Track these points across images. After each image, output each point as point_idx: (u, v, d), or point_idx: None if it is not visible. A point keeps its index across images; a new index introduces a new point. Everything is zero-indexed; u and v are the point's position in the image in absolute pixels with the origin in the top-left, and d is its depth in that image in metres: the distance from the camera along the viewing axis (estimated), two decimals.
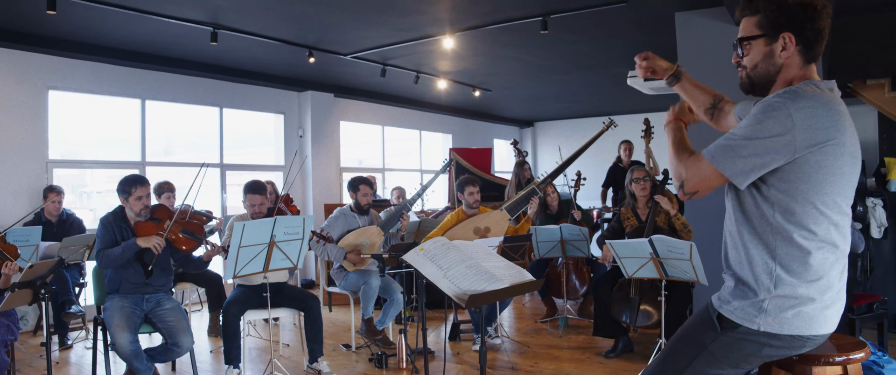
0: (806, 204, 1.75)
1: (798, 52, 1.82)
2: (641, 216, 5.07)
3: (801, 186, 1.74)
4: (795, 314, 1.78)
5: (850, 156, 1.77)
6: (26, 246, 4.83)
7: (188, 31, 6.11)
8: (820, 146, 1.70)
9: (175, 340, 3.92)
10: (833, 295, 1.81)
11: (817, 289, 1.78)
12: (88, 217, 7.27)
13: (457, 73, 8.72)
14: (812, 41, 1.81)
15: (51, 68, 6.58)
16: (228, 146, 8.45)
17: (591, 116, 13.25)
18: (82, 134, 7.49)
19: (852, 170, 1.79)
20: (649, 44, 7.01)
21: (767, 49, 1.84)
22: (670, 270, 4.14)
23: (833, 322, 1.83)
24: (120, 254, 3.96)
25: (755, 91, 1.92)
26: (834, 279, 1.81)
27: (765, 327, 1.80)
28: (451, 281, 2.55)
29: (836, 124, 1.72)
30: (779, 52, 1.83)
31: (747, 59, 1.89)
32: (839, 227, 1.80)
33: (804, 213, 1.76)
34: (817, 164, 1.72)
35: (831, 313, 1.82)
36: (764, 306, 1.80)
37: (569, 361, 4.93)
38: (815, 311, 1.79)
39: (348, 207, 5.52)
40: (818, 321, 1.80)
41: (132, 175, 4.18)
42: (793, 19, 1.79)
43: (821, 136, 1.69)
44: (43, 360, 5.05)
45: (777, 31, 1.81)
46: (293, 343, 5.67)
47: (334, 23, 6.10)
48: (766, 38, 1.84)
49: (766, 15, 1.82)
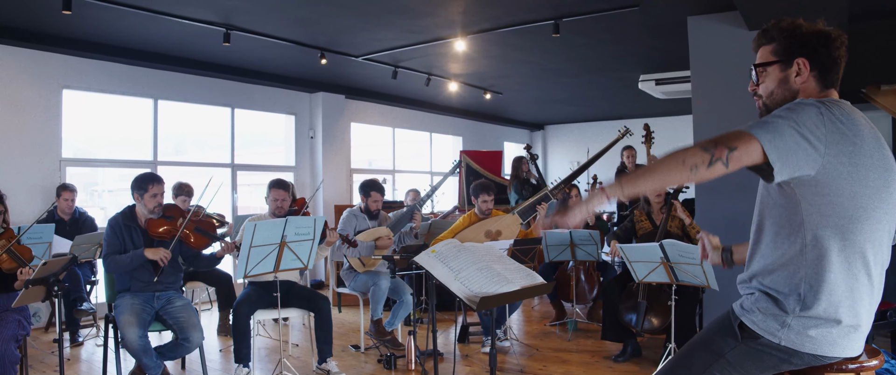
0: (841, 221, 1.71)
1: (813, 78, 1.82)
2: (655, 220, 5.06)
3: (835, 200, 1.69)
4: (820, 334, 1.74)
5: (883, 169, 1.72)
6: (39, 244, 4.87)
7: (201, 31, 6.15)
8: (848, 151, 1.66)
9: (185, 335, 3.95)
10: (862, 319, 1.77)
11: (846, 312, 1.74)
12: (99, 215, 7.32)
13: (468, 76, 8.72)
14: (827, 67, 1.81)
15: (65, 67, 6.64)
16: (239, 146, 8.49)
17: (602, 120, 13.22)
18: (95, 133, 7.55)
19: (887, 186, 1.73)
20: (661, 48, 7.00)
21: (783, 75, 1.85)
22: (681, 275, 4.12)
23: (858, 346, 1.79)
24: (128, 263, 4.02)
25: None
26: (864, 302, 1.76)
27: (786, 342, 1.76)
28: (462, 282, 2.55)
29: (859, 131, 1.69)
30: (793, 78, 1.83)
31: (763, 87, 1.90)
32: (875, 249, 1.75)
33: (839, 231, 1.71)
34: (849, 176, 1.67)
35: (857, 337, 1.78)
36: (788, 321, 1.76)
37: (577, 365, 4.92)
38: (840, 334, 1.75)
39: (358, 208, 5.54)
40: (842, 344, 1.76)
41: (148, 172, 4.24)
42: (806, 45, 1.81)
43: (847, 140, 1.66)
44: (55, 356, 5.09)
45: (791, 56, 1.82)
46: (302, 343, 5.69)
47: (346, 25, 6.12)
48: (780, 64, 1.85)
49: (781, 42, 1.84)
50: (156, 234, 4.14)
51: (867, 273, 1.76)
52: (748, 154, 1.62)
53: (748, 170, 1.71)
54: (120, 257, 4.03)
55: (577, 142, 13.69)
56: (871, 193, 1.70)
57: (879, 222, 1.74)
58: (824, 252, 1.72)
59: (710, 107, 5.56)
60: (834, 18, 4.68)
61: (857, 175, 1.68)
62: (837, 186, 1.68)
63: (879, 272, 1.79)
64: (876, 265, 1.78)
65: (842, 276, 1.73)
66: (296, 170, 9.15)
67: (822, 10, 4.47)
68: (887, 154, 1.75)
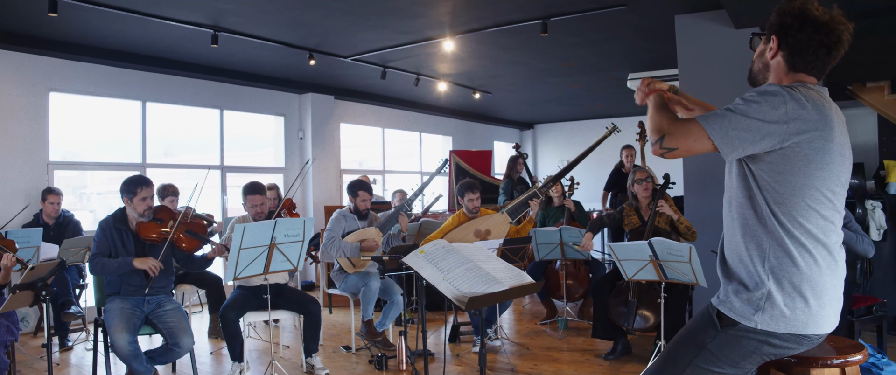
0: (797, 199, 1.80)
1: (782, 57, 1.91)
2: (644, 216, 5.08)
3: (791, 179, 1.79)
4: (792, 312, 1.80)
5: (839, 154, 1.82)
6: (27, 248, 4.83)
7: (189, 33, 6.12)
8: (807, 136, 1.76)
9: (176, 340, 3.93)
10: (829, 294, 1.83)
11: (812, 288, 1.81)
12: (88, 218, 7.28)
13: (457, 76, 8.73)
14: (794, 50, 1.88)
15: (52, 70, 6.59)
16: (229, 148, 8.46)
17: (591, 119, 13.26)
18: (83, 135, 7.50)
19: (842, 168, 1.84)
20: (649, 47, 7.03)
21: (763, 47, 1.97)
22: (670, 272, 4.15)
23: (831, 322, 1.85)
24: (115, 269, 3.98)
25: (754, 85, 2.02)
26: (827, 277, 1.83)
27: (762, 325, 1.82)
28: (450, 283, 2.56)
29: (826, 118, 1.79)
30: (766, 53, 1.95)
31: (755, 55, 2.03)
32: (831, 224, 1.84)
33: (796, 209, 1.80)
34: (806, 158, 1.77)
35: (828, 312, 1.84)
36: (761, 304, 1.83)
37: (568, 363, 4.94)
38: (811, 310, 1.81)
39: (347, 209, 5.53)
40: (815, 320, 1.82)
41: (137, 175, 4.20)
42: (782, 25, 1.89)
43: (809, 126, 1.76)
44: (43, 361, 5.05)
45: (770, 32, 1.93)
46: (293, 345, 5.68)
47: (335, 26, 6.12)
48: (764, 37, 1.97)
49: (773, 17, 1.94)
50: (147, 238, 4.11)
51: (827, 249, 1.84)
52: (693, 147, 1.83)
53: None
54: (107, 261, 3.99)
55: (567, 140, 13.74)
56: (826, 175, 1.80)
57: (832, 200, 1.83)
58: (786, 232, 1.81)
59: None
60: None
61: (817, 158, 1.78)
62: (792, 165, 1.78)
63: (838, 248, 1.87)
64: (835, 241, 1.86)
65: (805, 255, 1.81)
66: (285, 172, 9.13)
67: None
68: (846, 140, 1.86)
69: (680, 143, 1.82)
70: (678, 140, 1.82)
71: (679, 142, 1.82)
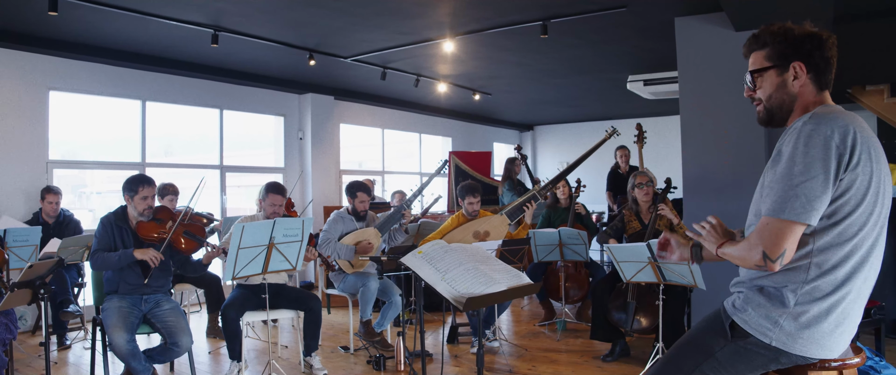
0: (843, 228, 1.74)
1: (810, 80, 1.85)
2: (644, 220, 5.09)
3: (844, 209, 1.73)
4: (810, 335, 1.77)
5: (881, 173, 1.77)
6: (25, 246, 4.84)
7: (189, 33, 6.12)
8: (854, 161, 1.70)
9: (174, 340, 3.94)
10: (850, 321, 1.81)
11: (838, 316, 1.77)
12: (87, 217, 7.27)
13: (457, 77, 8.73)
14: (822, 68, 1.84)
15: (52, 69, 6.59)
16: (228, 148, 8.46)
17: (590, 121, 13.27)
18: (83, 134, 7.50)
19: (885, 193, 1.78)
20: (649, 49, 7.03)
21: (780, 79, 1.87)
22: (668, 274, 4.15)
23: (844, 347, 1.83)
24: (116, 262, 3.97)
25: (774, 122, 1.93)
26: (854, 304, 1.80)
27: (777, 342, 1.78)
28: (449, 283, 2.56)
29: (865, 140, 1.73)
30: (791, 82, 1.86)
31: (761, 92, 1.91)
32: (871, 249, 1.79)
33: (839, 238, 1.75)
34: (860, 188, 1.72)
35: (845, 339, 1.81)
36: (780, 321, 1.79)
37: (566, 364, 4.94)
38: (830, 336, 1.78)
39: (345, 210, 5.53)
40: (830, 346, 1.79)
41: (139, 174, 4.21)
42: (799, 49, 1.83)
43: (855, 151, 1.70)
44: (41, 360, 5.05)
45: (787, 61, 1.85)
46: (291, 344, 5.67)
47: (335, 26, 6.12)
48: (776, 68, 1.87)
49: (774, 47, 1.86)
50: (146, 237, 4.11)
51: (865, 277, 1.80)
52: (794, 240, 1.72)
53: None
54: (108, 255, 3.99)
55: (567, 142, 13.74)
56: (872, 200, 1.75)
57: (883, 227, 1.79)
58: (829, 258, 1.75)
59: (697, 107, 5.60)
60: (819, 19, 4.72)
61: (868, 187, 1.73)
62: (849, 199, 1.73)
63: (873, 277, 1.83)
64: (873, 269, 1.81)
65: (841, 281, 1.76)
66: (285, 172, 9.13)
67: (808, 11, 4.51)
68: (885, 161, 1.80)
69: (784, 246, 1.71)
70: (778, 246, 1.71)
71: (781, 247, 1.70)
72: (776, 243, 1.70)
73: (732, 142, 5.34)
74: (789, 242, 1.70)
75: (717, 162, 5.42)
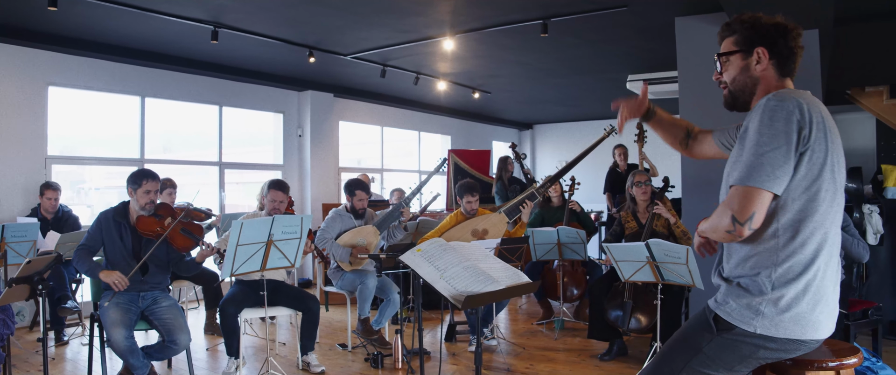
0: (802, 204, 1.81)
1: (772, 66, 1.95)
2: (641, 220, 5.09)
3: (799, 185, 1.80)
4: (791, 317, 1.82)
5: (839, 154, 1.86)
6: (24, 242, 4.83)
7: (189, 29, 6.12)
8: (823, 147, 1.79)
9: (172, 337, 3.93)
10: (827, 300, 1.86)
11: (812, 294, 1.83)
12: (85, 213, 7.27)
13: (456, 75, 8.73)
14: (785, 56, 1.94)
15: (51, 64, 6.58)
16: (227, 144, 8.46)
17: (589, 120, 13.26)
18: (81, 130, 7.49)
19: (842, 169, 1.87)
20: (649, 49, 7.04)
21: (744, 63, 1.99)
22: (666, 274, 4.15)
23: (828, 327, 1.87)
24: (86, 269, 4.04)
25: (737, 105, 2.06)
26: (828, 283, 1.86)
27: (761, 329, 1.83)
28: (447, 281, 2.56)
29: (822, 119, 1.81)
30: (754, 65, 1.97)
31: (726, 75, 2.04)
32: (834, 230, 1.87)
33: (800, 215, 1.82)
34: (813, 162, 1.79)
35: (825, 318, 1.86)
36: (761, 308, 1.84)
37: (564, 363, 4.94)
38: (811, 314, 1.83)
39: (343, 208, 5.53)
40: (813, 325, 1.84)
41: (144, 169, 4.23)
42: (765, 36, 1.94)
43: (813, 127, 1.78)
44: (39, 356, 5.03)
45: (751, 46, 1.96)
46: (289, 341, 5.68)
47: (335, 23, 6.11)
48: (742, 53, 1.98)
49: (742, 33, 1.98)
50: (144, 233, 4.10)
51: (830, 253, 1.86)
52: (762, 206, 1.79)
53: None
54: (84, 258, 4.03)
55: (566, 141, 13.73)
56: (829, 176, 1.82)
57: (839, 204, 1.87)
58: (794, 236, 1.82)
59: (697, 107, 5.60)
60: (820, 21, 4.72)
61: (823, 163, 1.80)
62: (806, 174, 1.80)
63: (837, 256, 1.90)
64: (835, 245, 1.89)
65: (809, 259, 1.83)
66: (284, 169, 9.13)
67: (808, 12, 4.51)
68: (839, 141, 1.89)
69: (752, 210, 1.78)
70: (747, 209, 1.78)
71: (748, 210, 1.78)
72: (744, 207, 1.78)
73: None
74: (757, 206, 1.78)
75: (716, 161, 5.42)
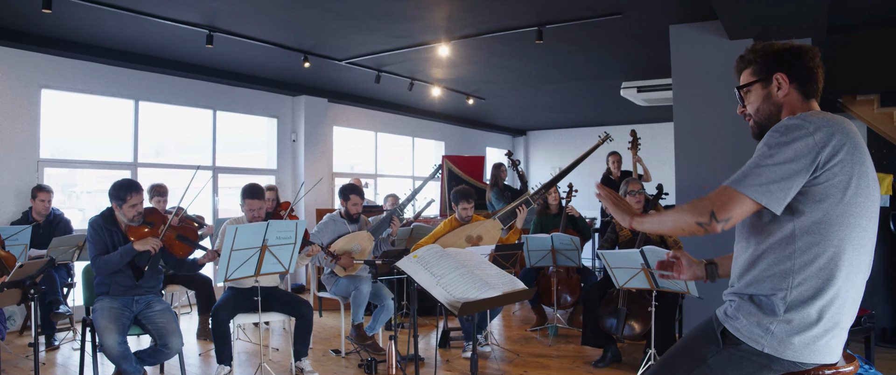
0: (823, 227, 1.76)
1: (794, 89, 1.91)
2: None
3: (828, 209, 1.75)
4: (802, 341, 1.78)
5: (874, 176, 1.80)
6: (15, 246, 4.80)
7: (184, 33, 6.10)
8: (840, 159, 1.73)
9: (165, 342, 3.90)
10: (841, 327, 1.82)
11: (829, 320, 1.78)
12: (77, 217, 7.22)
13: (451, 81, 8.74)
14: (804, 78, 1.91)
15: (45, 67, 6.55)
16: (221, 149, 8.44)
17: (584, 126, 13.31)
18: (74, 133, 7.45)
19: (875, 190, 1.81)
20: (643, 56, 7.07)
21: (765, 92, 1.95)
22: (661, 281, 4.16)
23: (836, 353, 1.83)
24: (118, 260, 3.90)
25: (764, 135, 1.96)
26: (847, 310, 1.81)
27: (769, 349, 1.79)
28: (444, 288, 2.56)
29: (850, 140, 1.76)
30: (776, 92, 1.93)
31: (750, 107, 2.00)
32: (860, 257, 1.81)
33: (819, 237, 1.76)
34: (845, 189, 1.74)
35: (835, 343, 1.82)
36: (771, 328, 1.80)
37: (558, 370, 4.94)
38: (822, 341, 1.79)
39: (338, 213, 5.52)
40: (823, 351, 1.80)
41: (126, 180, 4.06)
42: (781, 61, 1.92)
43: (836, 149, 1.73)
44: (30, 361, 5.00)
45: (769, 73, 1.93)
46: (282, 347, 5.65)
47: (330, 28, 6.11)
48: (761, 82, 1.96)
49: (757, 62, 1.96)
50: (141, 240, 4.04)
51: (850, 280, 1.81)
52: (742, 212, 1.77)
53: None
54: (108, 256, 3.91)
55: (560, 148, 13.77)
56: (862, 202, 1.77)
57: (864, 230, 1.80)
58: (813, 259, 1.77)
59: (691, 115, 5.63)
60: (812, 30, 4.76)
61: (854, 188, 1.75)
62: (833, 198, 1.75)
63: (862, 279, 1.84)
64: (859, 272, 1.83)
65: (828, 284, 1.77)
66: (277, 174, 9.11)
67: (801, 21, 4.54)
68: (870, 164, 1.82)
69: (732, 213, 1.75)
70: (727, 210, 1.75)
71: (729, 212, 1.75)
72: (726, 207, 1.75)
73: (725, 151, 5.37)
74: (737, 211, 1.76)
75: (710, 169, 5.45)
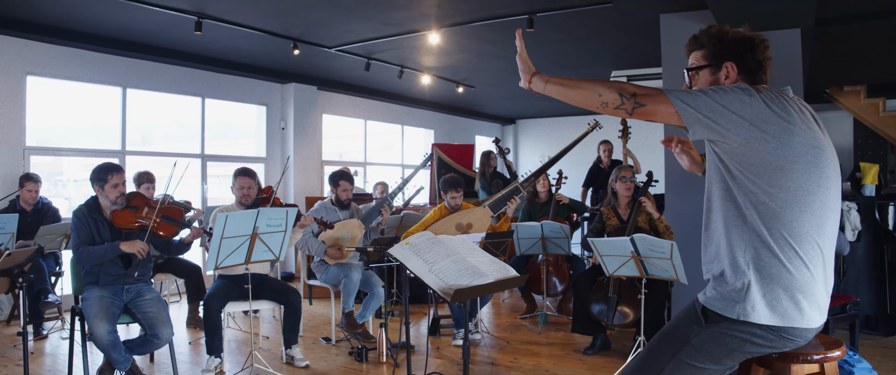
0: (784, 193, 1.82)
1: (741, 79, 1.98)
2: (623, 216, 5.13)
3: (764, 172, 1.82)
4: (771, 303, 1.83)
5: (813, 147, 1.83)
6: (2, 234, 4.75)
7: (172, 19, 6.04)
8: (775, 126, 1.79)
9: (155, 331, 3.89)
10: (810, 289, 1.85)
11: (795, 282, 1.83)
12: (63, 206, 7.16)
13: (441, 69, 8.73)
14: (753, 69, 1.99)
15: (30, 53, 6.46)
16: (210, 136, 8.39)
17: (572, 115, 13.33)
18: (60, 121, 7.38)
19: (818, 162, 1.84)
20: (634, 46, 7.08)
21: (713, 78, 2.03)
22: (651, 269, 4.19)
23: (811, 317, 1.86)
24: (102, 255, 3.88)
25: None
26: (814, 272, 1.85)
27: (743, 316, 1.85)
28: (436, 275, 2.57)
29: (787, 111, 1.82)
30: (723, 80, 2.00)
31: (696, 88, 2.02)
32: (816, 219, 1.85)
33: (782, 203, 1.82)
34: (776, 151, 1.80)
35: (808, 306, 1.85)
36: (741, 295, 1.86)
37: (548, 357, 4.98)
38: (789, 302, 1.83)
39: (329, 200, 5.52)
40: (797, 315, 1.83)
41: (106, 162, 4.06)
42: (733, 51, 1.98)
43: (774, 116, 1.79)
44: (18, 350, 4.98)
45: (720, 61, 2.00)
46: (273, 335, 5.65)
47: (320, 16, 6.08)
48: (711, 68, 2.02)
49: (710, 48, 2.02)
50: (122, 227, 4.01)
51: (816, 244, 1.85)
52: (657, 112, 1.86)
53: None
54: (93, 249, 3.88)
55: (549, 136, 13.79)
56: (801, 166, 1.82)
57: (814, 193, 1.84)
58: (774, 225, 1.83)
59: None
60: (801, 20, 4.78)
61: (786, 151, 1.80)
62: (766, 160, 1.81)
63: (827, 242, 1.88)
64: (820, 235, 1.86)
65: (786, 249, 1.83)
66: (267, 162, 9.07)
67: (790, 12, 4.56)
68: (817, 132, 1.87)
69: (650, 102, 1.85)
70: (648, 100, 1.85)
71: (649, 102, 1.85)
72: (649, 97, 1.85)
73: None
74: (655, 105, 1.85)
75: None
